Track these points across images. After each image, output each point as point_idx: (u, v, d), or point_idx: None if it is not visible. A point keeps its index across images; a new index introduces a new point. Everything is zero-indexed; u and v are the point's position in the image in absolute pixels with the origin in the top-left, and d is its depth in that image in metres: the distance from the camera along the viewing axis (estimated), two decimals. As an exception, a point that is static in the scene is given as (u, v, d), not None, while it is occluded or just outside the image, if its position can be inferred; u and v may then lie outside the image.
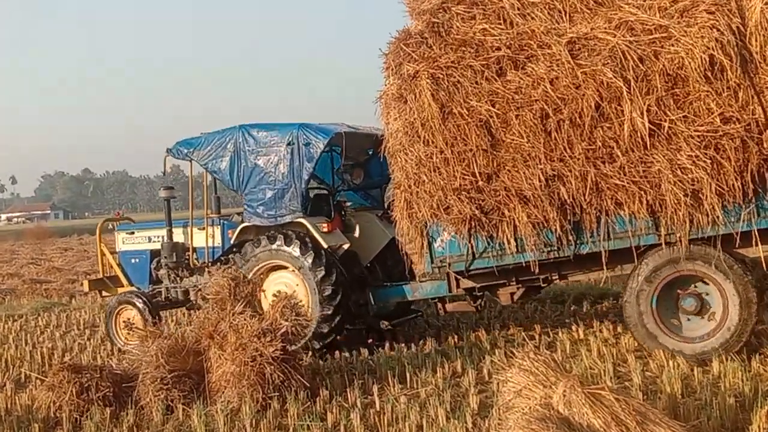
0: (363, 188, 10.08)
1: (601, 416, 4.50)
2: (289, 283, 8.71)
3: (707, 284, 7.04)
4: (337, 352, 8.35)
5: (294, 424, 6.07)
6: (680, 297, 7.12)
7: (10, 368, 9.00)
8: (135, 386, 6.86)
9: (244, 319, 6.83)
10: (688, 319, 7.14)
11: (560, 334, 8.47)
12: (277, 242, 8.55)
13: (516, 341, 8.27)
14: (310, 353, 8.10)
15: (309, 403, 6.55)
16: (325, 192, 9.60)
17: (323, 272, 8.30)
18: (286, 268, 8.66)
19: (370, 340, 8.78)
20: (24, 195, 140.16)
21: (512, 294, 8.03)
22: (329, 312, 8.30)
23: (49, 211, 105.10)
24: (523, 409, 4.68)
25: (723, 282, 6.85)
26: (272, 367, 6.55)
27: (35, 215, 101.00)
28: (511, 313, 9.98)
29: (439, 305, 8.65)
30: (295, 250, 8.43)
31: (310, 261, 8.31)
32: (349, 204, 9.96)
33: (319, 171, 10.16)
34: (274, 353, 6.57)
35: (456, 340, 8.63)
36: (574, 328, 8.58)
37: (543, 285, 7.94)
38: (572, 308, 10.15)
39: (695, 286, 7.13)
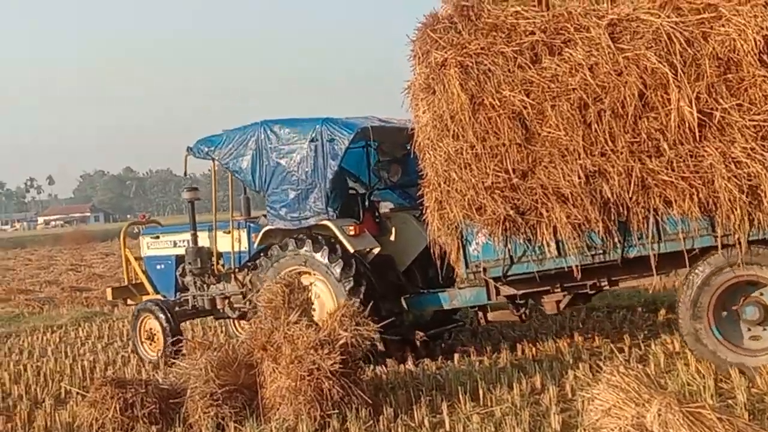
0: (401, 186, 10.37)
1: None
2: (316, 291, 9.07)
3: None
4: (401, 366, 8.58)
5: None
6: (741, 305, 7.18)
7: (50, 383, 9.37)
8: (183, 402, 7.01)
9: (300, 329, 6.95)
10: (750, 330, 7.19)
11: (653, 345, 8.45)
12: (305, 247, 8.88)
13: (603, 354, 8.34)
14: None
15: (371, 421, 6.63)
16: (356, 191, 9.95)
17: (352, 283, 8.58)
18: (312, 274, 9.02)
19: (404, 353, 9.05)
20: (62, 196, 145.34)
21: (558, 302, 8.16)
22: None
23: (88, 214, 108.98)
24: (613, 430, 4.73)
25: None
26: (331, 381, 6.63)
27: (74, 218, 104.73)
28: (597, 322, 10.08)
29: (480, 314, 8.88)
30: (323, 257, 8.73)
31: (338, 270, 8.61)
32: (384, 204, 10.27)
33: (354, 168, 10.54)
34: (333, 366, 6.66)
35: (534, 352, 8.78)
36: (668, 339, 8.58)
37: (591, 292, 8.09)
38: (666, 317, 10.06)
39: (761, 293, 7.17)
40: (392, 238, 9.65)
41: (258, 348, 7.05)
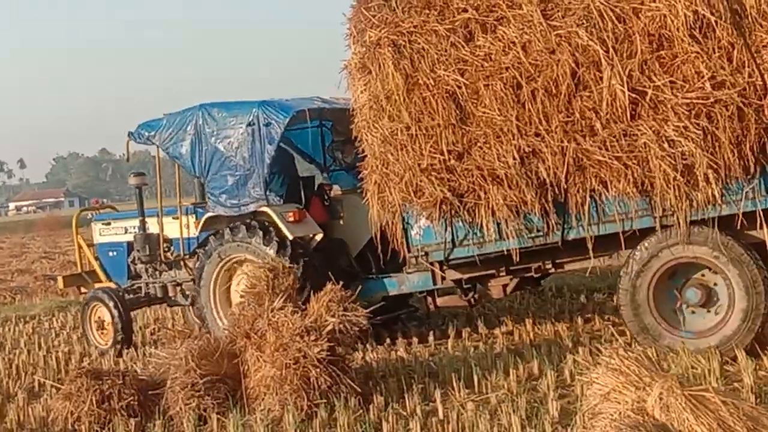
0: (356, 167, 10.63)
1: (706, 422, 4.48)
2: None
3: (715, 273, 7.33)
4: (392, 353, 8.78)
5: None
6: (683, 287, 7.43)
7: (23, 376, 9.51)
8: (163, 394, 7.04)
9: (285, 316, 6.98)
10: (693, 312, 7.45)
11: None
12: (240, 234, 9.15)
13: (603, 337, 8.44)
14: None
15: (361, 410, 6.66)
16: (307, 176, 10.23)
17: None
18: (254, 262, 9.28)
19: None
20: (34, 181, 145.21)
21: (504, 286, 8.47)
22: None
23: (62, 199, 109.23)
24: (612, 415, 4.72)
25: (727, 269, 7.14)
26: (318, 369, 6.67)
27: (47, 203, 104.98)
28: (597, 304, 10.23)
29: (429, 299, 9.16)
30: (257, 242, 9.01)
31: (272, 253, 8.89)
32: (335, 186, 10.52)
33: (309, 149, 10.80)
34: (320, 354, 6.70)
35: (532, 337, 8.91)
36: None
37: (537, 275, 8.36)
38: None
39: (702, 275, 7.43)
40: (343, 222, 9.91)
41: (241, 336, 7.13)
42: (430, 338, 9.26)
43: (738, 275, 7.12)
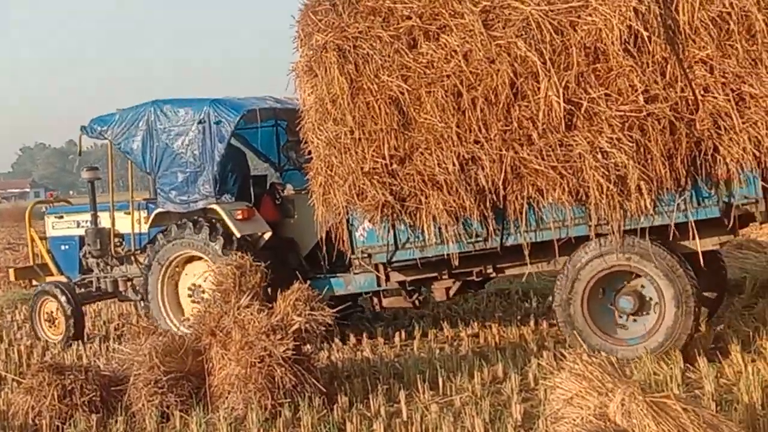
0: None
1: (666, 429, 4.53)
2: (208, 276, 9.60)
3: (648, 282, 7.63)
4: (358, 353, 8.93)
5: None
6: (617, 295, 7.76)
7: None
8: (125, 390, 7.07)
9: (251, 314, 7.03)
10: (626, 319, 7.77)
11: None
12: (187, 230, 9.41)
13: (567, 342, 8.36)
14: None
15: (325, 410, 6.74)
16: (260, 175, 10.49)
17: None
18: (200, 258, 9.54)
19: None
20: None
21: (447, 289, 8.71)
22: None
23: (28, 189, 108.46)
24: (575, 420, 4.77)
25: (658, 278, 7.47)
26: (283, 368, 6.73)
27: (12, 194, 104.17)
28: None
29: (375, 300, 9.44)
30: (204, 238, 9.27)
31: (218, 248, 9.16)
32: (289, 186, 10.79)
33: (265, 149, 11.08)
34: (286, 353, 6.75)
35: (498, 340, 9.06)
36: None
37: (478, 279, 8.64)
38: None
39: (637, 283, 7.74)
40: (294, 221, 10.17)
41: (206, 333, 7.19)
42: (396, 339, 9.50)
43: (669, 285, 7.44)
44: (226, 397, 6.88)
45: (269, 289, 8.76)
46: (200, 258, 9.55)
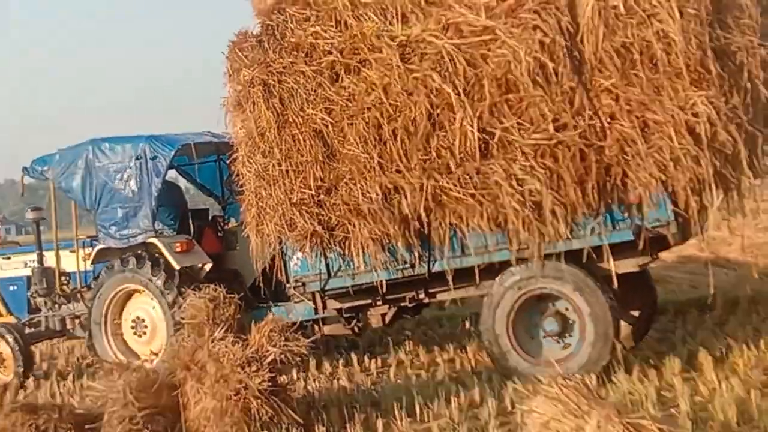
0: None
1: None
2: (148, 310, 10.05)
3: (568, 303, 8.05)
4: (334, 382, 9.10)
5: None
6: (541, 318, 8.18)
7: None
8: (100, 428, 7.01)
9: (226, 347, 7.08)
10: (549, 341, 8.18)
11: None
12: (130, 265, 9.84)
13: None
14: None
15: None
16: (201, 209, 10.97)
17: (174, 295, 9.58)
18: (142, 292, 9.99)
19: None
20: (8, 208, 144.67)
21: (383, 315, 9.17)
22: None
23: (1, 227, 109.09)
24: None
25: (578, 300, 7.89)
26: (259, 401, 6.75)
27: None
28: None
29: (316, 328, 9.87)
30: (146, 273, 9.71)
31: (161, 283, 9.60)
32: (232, 219, 11.25)
33: (209, 182, 11.58)
34: (262, 385, 6.79)
35: (474, 364, 9.24)
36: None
37: (411, 305, 9.08)
38: None
39: (561, 306, 8.15)
40: (237, 252, 10.62)
41: (181, 367, 7.18)
42: (372, 366, 9.78)
43: (588, 306, 7.85)
44: None
45: None
46: (142, 292, 9.98)
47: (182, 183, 12.37)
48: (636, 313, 9.35)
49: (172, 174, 11.74)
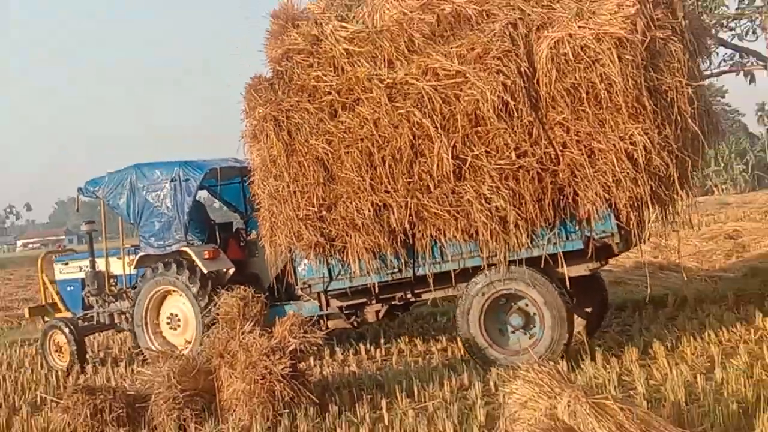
0: None
1: (606, 426, 4.64)
2: (181, 307, 10.21)
3: (530, 301, 8.10)
4: (346, 368, 9.15)
5: None
6: (508, 313, 8.25)
7: (26, 391, 9.69)
8: (148, 406, 7.09)
9: (254, 338, 7.16)
10: (515, 333, 8.24)
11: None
12: (170, 269, 10.00)
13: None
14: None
15: (318, 419, 6.82)
16: (226, 222, 11.14)
17: (201, 293, 9.73)
18: (176, 293, 10.15)
19: None
20: (39, 221, 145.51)
21: (377, 312, 9.23)
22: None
23: (63, 237, 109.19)
24: (529, 421, 4.87)
25: (538, 299, 7.98)
26: (282, 384, 6.83)
27: (50, 241, 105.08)
28: None
29: (321, 323, 10.00)
30: (183, 278, 9.86)
31: (189, 284, 9.76)
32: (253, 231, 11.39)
33: (234, 200, 11.74)
34: (284, 371, 6.87)
35: (463, 352, 8.96)
36: (578, 338, 8.97)
37: (400, 303, 9.15)
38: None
39: (525, 303, 8.21)
40: (256, 259, 10.77)
41: (216, 356, 7.28)
42: (377, 355, 9.78)
43: (545, 304, 7.95)
44: (234, 411, 6.95)
45: None
46: (176, 292, 10.14)
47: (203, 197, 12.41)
48: (589, 310, 9.45)
49: (203, 193, 11.93)
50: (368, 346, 10.30)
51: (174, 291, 10.17)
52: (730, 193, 57.54)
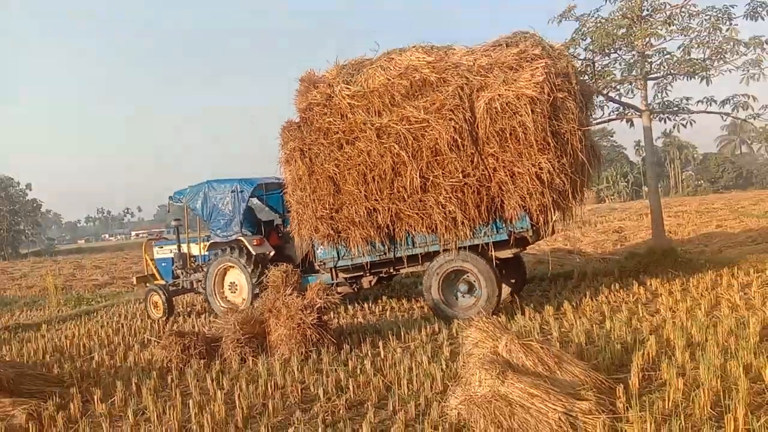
0: None
1: (531, 359, 4.78)
2: (238, 277, 10.68)
3: (473, 275, 8.44)
4: (354, 319, 9.08)
5: (326, 369, 6.42)
6: (457, 283, 8.62)
7: (137, 334, 9.77)
8: (220, 345, 7.21)
9: (292, 299, 7.26)
10: (464, 296, 8.58)
11: (505, 304, 9.04)
12: (230, 252, 10.48)
13: (507, 308, 8.73)
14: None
15: (336, 354, 6.92)
16: (269, 220, 11.60)
17: (252, 268, 10.20)
18: (234, 268, 10.64)
19: None
20: (146, 219, 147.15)
21: (370, 281, 9.51)
22: (257, 293, 10.19)
23: (164, 229, 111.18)
24: (479, 355, 4.93)
25: (477, 273, 8.35)
26: (311, 330, 6.94)
27: (154, 232, 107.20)
28: None
29: (335, 289, 10.41)
30: (240, 257, 10.32)
31: (244, 262, 10.25)
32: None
33: (276, 206, 12.15)
34: (312, 321, 6.98)
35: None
36: (507, 299, 9.29)
37: (385, 276, 9.51)
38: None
39: (467, 276, 8.52)
40: (290, 245, 11.21)
41: (266, 310, 7.39)
42: (377, 310, 9.81)
43: (482, 277, 8.28)
44: (278, 348, 7.06)
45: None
46: (234, 267, 10.62)
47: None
48: (513, 280, 9.78)
49: (254, 200, 12.33)
50: (370, 304, 10.42)
51: (233, 266, 10.62)
52: (616, 202, 59.16)
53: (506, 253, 8.40)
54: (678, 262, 10.93)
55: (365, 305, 10.36)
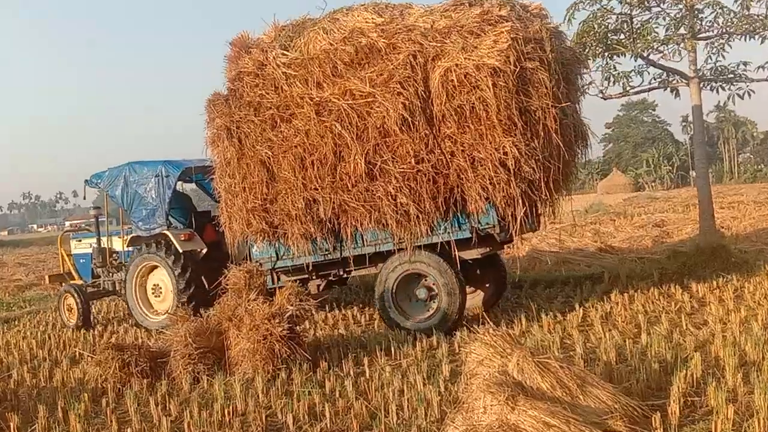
0: None
1: (548, 381, 4.72)
2: (163, 279, 10.95)
3: (431, 279, 8.62)
4: (335, 330, 9.27)
5: (298, 391, 6.42)
6: (415, 288, 8.83)
7: (67, 347, 9.85)
8: (167, 361, 7.24)
9: (257, 305, 7.25)
10: (423, 304, 8.79)
11: (517, 313, 9.19)
12: (153, 248, 10.77)
13: (479, 321, 8.27)
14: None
15: (310, 373, 6.95)
16: (205, 210, 11.84)
17: (179, 270, 10.49)
18: (159, 267, 10.90)
19: None
20: (83, 205, 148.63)
21: (318, 286, 9.76)
22: (184, 300, 10.44)
23: (103, 219, 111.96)
24: (485, 376, 4.87)
25: (436, 276, 8.57)
26: (280, 344, 6.96)
27: (92, 222, 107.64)
28: None
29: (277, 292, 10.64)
30: (161, 254, 10.63)
31: (171, 261, 10.51)
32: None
33: (213, 192, 12.35)
34: (282, 333, 6.98)
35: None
36: (530, 307, 9.38)
37: (334, 279, 9.73)
38: (528, 292, 11.02)
39: (426, 280, 8.71)
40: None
41: (225, 319, 7.41)
42: (362, 320, 10.01)
43: (443, 281, 8.51)
44: (240, 365, 7.09)
45: (191, 288, 9.98)
46: (158, 267, 10.88)
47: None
48: (487, 286, 9.97)
49: (190, 186, 12.56)
50: (355, 312, 10.55)
51: (157, 266, 10.87)
52: (657, 190, 59.05)
53: (473, 254, 8.61)
54: (731, 263, 10.98)
55: (348, 313, 10.51)
